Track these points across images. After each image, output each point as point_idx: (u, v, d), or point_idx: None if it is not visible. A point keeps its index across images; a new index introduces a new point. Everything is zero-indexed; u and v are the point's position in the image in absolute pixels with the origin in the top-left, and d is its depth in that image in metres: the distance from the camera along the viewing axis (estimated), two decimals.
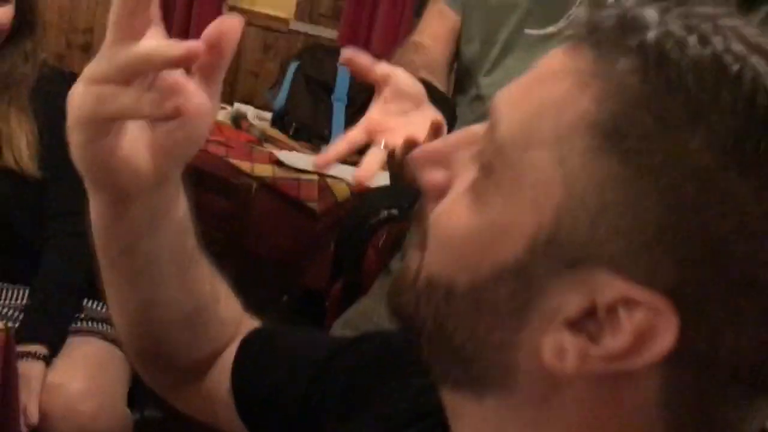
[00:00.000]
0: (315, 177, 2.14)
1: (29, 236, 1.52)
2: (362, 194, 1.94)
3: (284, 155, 2.25)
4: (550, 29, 1.16)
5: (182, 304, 0.63)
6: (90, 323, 1.52)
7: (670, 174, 0.38)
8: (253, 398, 0.68)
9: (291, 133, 2.53)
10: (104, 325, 1.50)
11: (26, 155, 1.47)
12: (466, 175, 0.46)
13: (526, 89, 0.44)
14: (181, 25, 2.94)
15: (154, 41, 0.47)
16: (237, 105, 2.64)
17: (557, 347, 0.41)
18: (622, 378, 0.40)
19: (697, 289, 0.38)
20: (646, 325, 0.38)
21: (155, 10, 0.48)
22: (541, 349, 0.41)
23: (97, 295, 1.47)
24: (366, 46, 2.84)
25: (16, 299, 1.54)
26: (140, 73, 0.47)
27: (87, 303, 1.54)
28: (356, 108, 2.50)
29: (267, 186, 2.12)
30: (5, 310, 1.51)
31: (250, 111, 2.60)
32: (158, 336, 0.65)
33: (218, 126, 2.36)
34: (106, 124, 0.49)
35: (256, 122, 2.53)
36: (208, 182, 1.93)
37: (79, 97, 0.48)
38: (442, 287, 0.45)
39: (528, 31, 1.20)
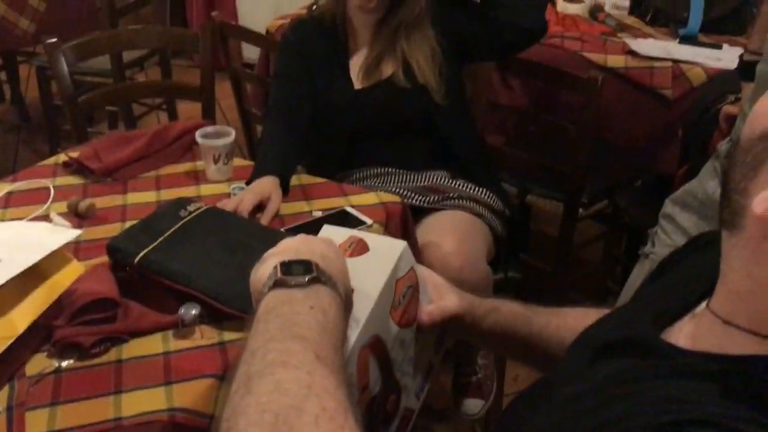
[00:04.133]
0: (669, 64, 2.12)
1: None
2: (712, 79, 2.08)
3: (637, 44, 2.23)
4: None
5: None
6: (459, 200, 1.76)
7: None
8: None
9: (648, 19, 2.49)
10: (470, 202, 1.77)
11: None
12: None
13: None
14: None
15: None
16: None
17: (764, 198, 0.52)
18: None
19: None
20: None
21: None
22: (758, 198, 0.52)
23: (468, 176, 1.83)
24: None
25: (411, 182, 1.82)
26: None
27: (455, 183, 1.81)
28: None
29: (618, 76, 2.11)
30: (402, 191, 1.75)
31: (608, 1, 2.59)
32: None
33: (574, 20, 2.35)
34: None
35: (613, 11, 2.53)
36: (558, 78, 2.03)
37: None
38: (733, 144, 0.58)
39: None
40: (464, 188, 1.77)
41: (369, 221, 1.38)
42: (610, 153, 2.24)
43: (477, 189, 1.78)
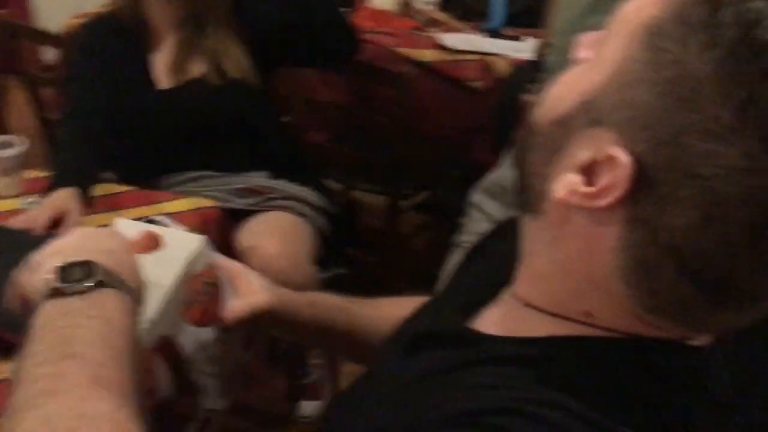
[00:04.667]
0: (476, 57, 2.22)
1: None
2: (516, 70, 2.14)
3: (447, 38, 2.30)
4: None
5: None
6: (281, 200, 1.72)
7: (672, 71, 0.47)
8: None
9: (456, 14, 2.57)
10: (292, 201, 1.73)
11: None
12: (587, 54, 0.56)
13: None
14: None
15: None
16: None
17: (563, 182, 0.52)
18: (597, 218, 0.52)
19: (655, 166, 0.48)
20: (615, 178, 0.49)
21: None
22: (557, 182, 0.53)
23: (289, 175, 1.78)
24: None
25: (229, 184, 1.74)
26: None
27: (277, 183, 1.76)
28: None
29: (429, 70, 2.16)
30: (220, 195, 1.68)
31: None
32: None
33: (386, 15, 2.42)
34: None
35: (423, 7, 2.61)
36: (373, 74, 2.05)
37: None
38: (530, 131, 0.58)
39: None
40: (286, 188, 1.73)
41: (182, 229, 1.31)
42: (428, 145, 2.30)
43: (300, 188, 1.76)
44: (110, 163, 1.61)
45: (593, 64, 0.53)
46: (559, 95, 0.55)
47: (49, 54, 2.58)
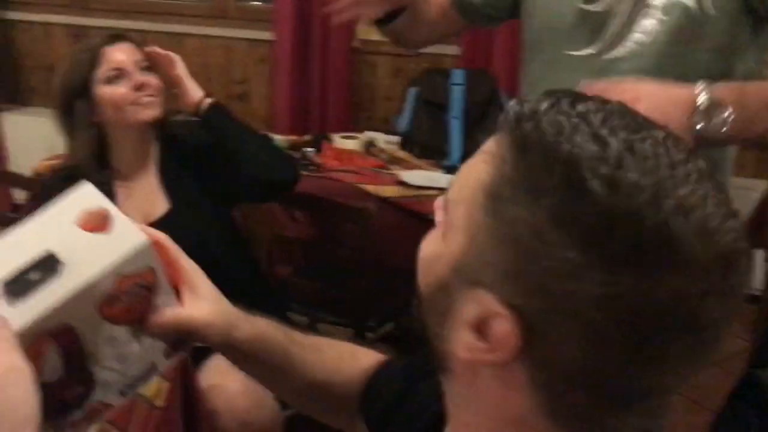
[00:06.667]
0: (435, 192, 2.30)
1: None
2: None
3: (408, 175, 2.45)
4: (589, 50, 1.17)
5: (303, 387, 0.91)
6: None
7: (513, 229, 0.51)
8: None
9: (416, 153, 2.74)
10: None
11: None
12: (442, 218, 0.60)
13: (470, 161, 0.58)
14: (319, 62, 3.31)
15: None
16: (367, 133, 2.85)
17: (461, 342, 0.55)
18: (502, 370, 0.54)
19: (534, 312, 0.51)
20: (504, 331, 0.52)
21: None
22: (455, 343, 0.56)
23: (253, 308, 1.85)
24: (487, 61, 3.16)
25: None
26: None
27: None
28: (471, 123, 2.77)
29: (391, 204, 2.27)
30: None
31: (380, 137, 2.83)
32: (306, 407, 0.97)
33: (350, 155, 2.56)
34: None
35: (386, 147, 2.77)
36: (336, 210, 2.12)
37: None
38: (419, 297, 0.61)
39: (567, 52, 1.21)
40: None
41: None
42: (392, 277, 2.34)
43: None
44: None
45: (447, 229, 0.57)
46: (426, 265, 0.59)
47: (22, 194, 2.61)
